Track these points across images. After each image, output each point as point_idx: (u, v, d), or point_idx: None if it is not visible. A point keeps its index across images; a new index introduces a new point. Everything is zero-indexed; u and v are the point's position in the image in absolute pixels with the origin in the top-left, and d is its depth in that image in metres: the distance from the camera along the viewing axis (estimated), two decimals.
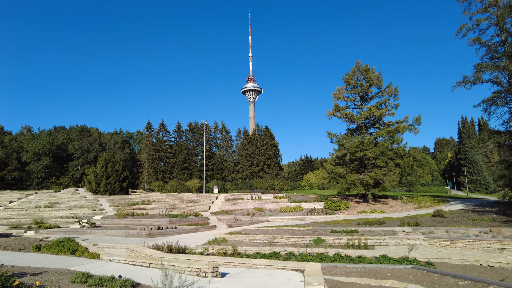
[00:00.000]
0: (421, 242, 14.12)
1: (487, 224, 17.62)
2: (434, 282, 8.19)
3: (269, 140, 78.28)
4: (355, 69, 34.55)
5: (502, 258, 11.16)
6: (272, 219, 26.71)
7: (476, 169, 76.54)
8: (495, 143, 27.14)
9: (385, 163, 31.46)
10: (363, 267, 9.87)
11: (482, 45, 27.84)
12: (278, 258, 11.93)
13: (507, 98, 26.56)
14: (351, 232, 16.00)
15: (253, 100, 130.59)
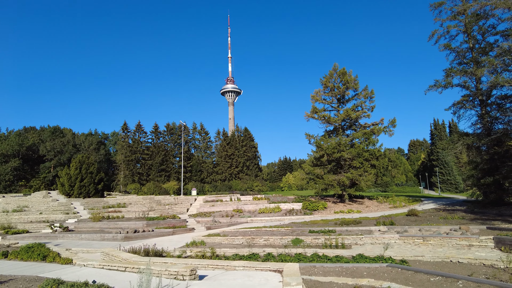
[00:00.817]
0: (396, 241, 14.53)
1: (457, 222, 18.35)
2: (408, 279, 8.44)
3: (248, 141, 78.32)
4: (333, 72, 35.17)
5: (470, 254, 11.66)
6: (251, 220, 26.72)
7: (447, 169, 79.63)
8: (464, 145, 28.33)
9: (361, 164, 32.21)
10: (340, 267, 10.04)
11: (452, 51, 29.02)
12: (256, 259, 11.95)
13: (474, 102, 27.80)
14: (329, 232, 16.25)
15: (233, 101, 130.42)
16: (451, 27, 28.45)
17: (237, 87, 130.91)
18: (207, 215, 29.43)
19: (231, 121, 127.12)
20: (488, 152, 26.80)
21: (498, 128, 26.06)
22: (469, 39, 28.04)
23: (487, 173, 26.31)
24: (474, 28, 27.82)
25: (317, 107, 35.56)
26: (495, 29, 27.38)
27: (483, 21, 27.40)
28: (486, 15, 26.87)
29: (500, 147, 25.59)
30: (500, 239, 12.44)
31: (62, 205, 33.57)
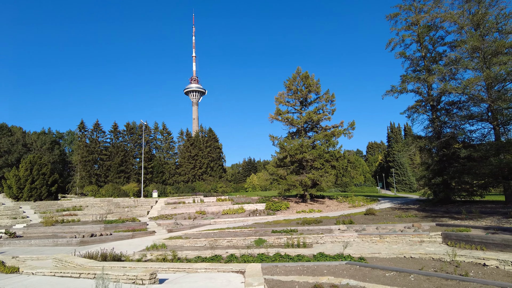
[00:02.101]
0: (355, 239, 15.12)
1: (410, 220, 19.45)
2: (365, 276, 8.82)
3: (212, 142, 77.59)
4: (296, 75, 35.91)
5: (422, 249, 12.43)
6: (214, 222, 26.50)
7: (402, 170, 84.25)
8: (417, 147, 30.13)
9: (322, 165, 33.18)
10: (301, 265, 10.25)
11: (406, 59, 30.78)
12: (219, 261, 11.87)
13: (426, 107, 29.68)
14: (291, 232, 16.53)
15: (197, 101, 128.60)
16: (405, 36, 30.14)
17: (201, 86, 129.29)
18: (168, 218, 28.76)
19: (195, 121, 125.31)
20: (438, 154, 28.72)
21: (446, 132, 28.01)
22: (422, 48, 29.90)
23: (437, 174, 28.17)
24: (426, 38, 29.72)
25: (281, 109, 36.12)
26: (443, 40, 29.49)
27: (434, 32, 29.38)
28: (436, 27, 28.86)
29: (448, 149, 27.53)
30: (447, 234, 13.38)
31: (9, 209, 31.16)
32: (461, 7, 26.07)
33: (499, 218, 16.76)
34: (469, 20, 25.06)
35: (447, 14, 26.25)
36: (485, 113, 25.20)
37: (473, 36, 24.11)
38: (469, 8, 25.67)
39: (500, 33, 24.44)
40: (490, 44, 23.29)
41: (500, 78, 23.16)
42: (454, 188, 27.51)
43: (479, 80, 23.34)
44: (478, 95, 24.25)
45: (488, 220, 16.41)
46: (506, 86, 23.87)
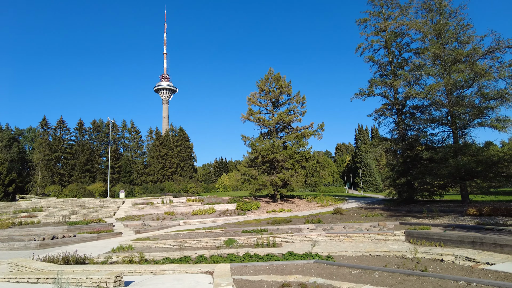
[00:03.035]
0: (323, 238, 15.45)
1: (376, 219, 20.14)
2: (332, 273, 9.03)
3: (183, 141, 76.39)
4: (268, 76, 36.20)
5: (386, 247, 12.91)
6: (184, 222, 26.09)
7: (369, 171, 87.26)
8: (383, 149, 31.35)
9: (293, 165, 33.67)
10: (270, 265, 10.33)
11: (375, 63, 31.93)
12: (188, 262, 11.71)
13: (392, 110, 30.94)
14: (261, 231, 16.61)
15: (167, 99, 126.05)
16: (374, 41, 31.26)
17: (172, 84, 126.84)
18: (136, 219, 27.98)
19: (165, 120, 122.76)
20: (402, 156, 30.01)
21: (410, 135, 29.34)
22: (389, 53, 31.14)
23: (401, 175, 29.42)
24: (393, 44, 31.00)
25: (253, 110, 36.26)
26: (409, 46, 30.91)
27: (400, 38, 30.73)
28: (402, 34, 30.20)
29: (412, 151, 28.85)
30: (409, 232, 14.00)
31: None
32: (425, 16, 27.44)
33: (456, 216, 17.76)
34: (432, 29, 26.41)
35: (412, 22, 27.53)
36: (445, 117, 26.66)
37: (435, 44, 25.44)
38: (432, 18, 27.05)
39: (459, 42, 25.96)
40: (450, 52, 24.66)
41: (458, 84, 24.60)
42: (417, 188, 28.85)
43: (440, 86, 24.67)
44: (439, 100, 25.61)
45: (447, 218, 17.34)
46: (463, 93, 25.39)
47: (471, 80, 23.90)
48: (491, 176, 24.10)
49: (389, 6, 31.14)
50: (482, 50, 23.59)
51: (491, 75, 23.01)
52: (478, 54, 23.66)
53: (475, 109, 24.15)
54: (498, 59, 23.34)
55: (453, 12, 26.17)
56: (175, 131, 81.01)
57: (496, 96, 23.34)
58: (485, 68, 22.95)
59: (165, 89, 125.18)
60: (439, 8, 26.49)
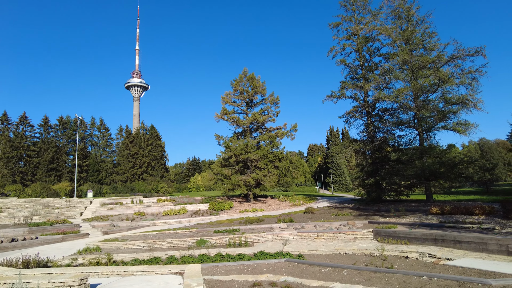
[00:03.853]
0: (294, 237, 15.64)
1: (345, 218, 20.65)
2: (303, 272, 9.16)
3: (154, 140, 74.74)
4: (242, 76, 36.18)
5: (355, 246, 13.27)
6: (154, 223, 25.54)
7: (340, 171, 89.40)
8: (353, 150, 32.23)
9: (266, 165, 33.88)
10: (242, 264, 10.33)
11: (346, 66, 32.72)
12: (158, 263, 11.47)
13: (362, 113, 31.88)
14: (233, 231, 16.58)
15: (139, 96, 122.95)
16: (346, 45, 32.03)
17: (144, 81, 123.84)
18: (104, 219, 27.07)
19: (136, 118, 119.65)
20: (371, 157, 30.99)
21: (379, 136, 30.36)
22: (360, 57, 32.04)
23: (370, 175, 30.37)
24: (364, 49, 31.93)
25: (227, 109, 36.11)
26: (379, 51, 31.95)
27: (371, 43, 31.69)
28: (373, 38, 31.18)
29: (380, 152, 29.85)
30: (377, 231, 14.48)
31: None
32: (394, 22, 28.50)
33: (420, 215, 18.57)
34: (400, 35, 27.48)
35: (383, 28, 28.50)
36: (412, 120, 27.81)
37: (403, 50, 26.49)
38: (401, 24, 28.14)
39: (425, 49, 27.18)
40: (417, 58, 25.77)
41: (424, 89, 25.76)
42: (385, 188, 29.90)
43: (408, 90, 25.72)
44: (406, 103, 26.68)
45: (412, 217, 18.10)
46: (429, 97, 26.62)
47: (435, 85, 25.10)
48: (452, 177, 25.43)
49: (360, 11, 32.04)
50: (446, 57, 24.85)
51: (454, 81, 24.30)
52: (442, 61, 24.90)
53: (439, 113, 25.40)
54: (459, 66, 24.71)
55: (420, 20, 27.37)
56: (146, 129, 79.13)
57: (457, 101, 24.65)
58: (448, 74, 24.19)
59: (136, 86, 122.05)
60: (407, 15, 27.60)
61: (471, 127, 24.52)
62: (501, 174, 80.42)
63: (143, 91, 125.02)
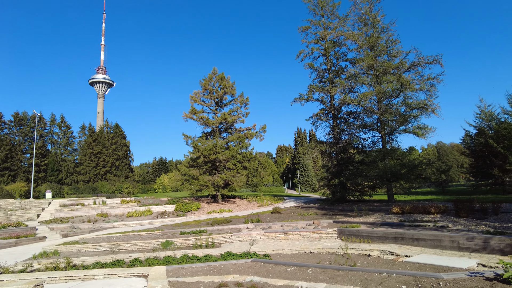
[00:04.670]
0: (261, 237, 15.74)
1: (311, 217, 21.08)
2: (269, 271, 9.23)
3: (119, 139, 72.24)
4: (212, 75, 35.89)
5: (320, 245, 13.58)
6: (118, 225, 24.67)
7: (306, 172, 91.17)
8: (319, 151, 33.02)
9: (235, 166, 33.82)
10: (208, 266, 10.24)
11: (314, 70, 33.44)
12: (121, 265, 11.10)
13: (328, 115, 32.74)
14: (200, 232, 16.40)
15: (103, 93, 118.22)
16: (314, 49, 32.76)
17: (109, 78, 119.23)
18: (64, 221, 25.76)
19: (100, 115, 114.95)
20: (336, 158, 31.89)
21: (344, 138, 31.32)
22: (327, 61, 32.88)
23: (335, 176, 31.24)
24: (331, 53, 32.82)
25: (196, 108, 35.64)
26: (346, 56, 33.00)
27: (338, 48, 32.64)
28: (340, 43, 32.12)
29: (345, 154, 30.80)
30: (341, 230, 14.91)
31: None
32: (361, 29, 29.51)
33: (382, 214, 19.38)
34: (366, 41, 28.51)
35: (349, 33, 29.42)
36: (375, 123, 28.94)
37: (368, 55, 27.52)
38: (367, 31, 29.20)
39: (388, 55, 28.40)
40: (381, 64, 26.87)
41: (387, 94, 26.92)
42: (349, 188, 30.88)
43: (372, 94, 26.75)
44: (370, 107, 27.73)
45: (374, 216, 18.83)
46: (391, 101, 27.84)
47: (398, 91, 26.32)
48: (412, 178, 26.78)
49: (329, 16, 32.90)
50: (407, 64, 26.14)
51: (414, 87, 25.64)
52: (404, 67, 26.16)
53: (401, 117, 26.66)
54: (419, 73, 26.10)
55: (384, 28, 28.57)
56: (110, 127, 76.30)
57: (417, 106, 26.00)
58: (409, 81, 25.46)
59: (101, 83, 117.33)
60: (373, 22, 28.71)
61: (429, 130, 25.99)
62: (455, 176, 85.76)
63: (108, 88, 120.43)
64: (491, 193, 31.50)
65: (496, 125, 31.72)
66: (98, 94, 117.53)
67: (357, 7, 29.41)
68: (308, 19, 32.98)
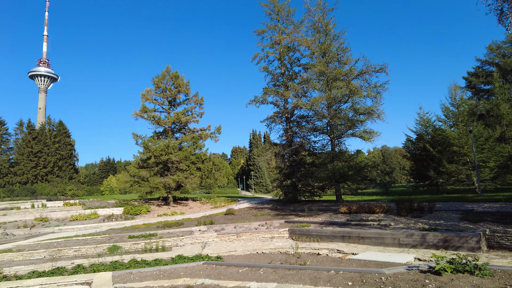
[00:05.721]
0: (214, 239, 15.62)
1: (264, 218, 21.35)
2: (221, 273, 9.20)
3: (63, 137, 67.34)
4: (165, 73, 34.92)
5: (272, 245, 13.82)
6: (59, 229, 22.94)
7: (261, 173, 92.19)
8: (273, 153, 33.63)
9: (188, 167, 33.16)
10: (158, 270, 9.94)
11: (269, 73, 33.99)
12: (62, 273, 10.35)
13: (282, 118, 33.47)
14: (150, 236, 15.86)
15: (45, 88, 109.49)
16: (269, 53, 33.31)
17: (52, 71, 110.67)
18: None
19: (42, 112, 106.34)
20: (289, 160, 32.69)
21: (297, 141, 32.21)
22: (282, 65, 33.61)
23: (287, 177, 32.00)
24: (286, 58, 33.61)
25: (147, 107, 34.38)
26: (299, 61, 33.98)
27: (292, 53, 33.52)
28: (294, 49, 33.01)
29: (297, 156, 31.68)
30: (292, 230, 15.31)
31: None
32: (314, 35, 30.57)
33: (331, 214, 20.22)
34: (319, 48, 29.61)
35: (303, 39, 30.36)
36: (325, 127, 30.15)
37: (320, 62, 28.61)
38: (319, 38, 30.34)
39: (339, 62, 29.76)
40: (332, 70, 28.08)
41: (337, 99, 28.19)
42: (301, 189, 31.80)
43: (323, 99, 27.86)
44: (321, 112, 28.84)
45: (324, 216, 19.59)
46: (341, 107, 29.19)
47: (347, 96, 27.68)
48: (359, 179, 28.30)
49: (284, 21, 33.67)
50: (356, 72, 27.58)
51: (362, 94, 27.15)
52: (353, 74, 27.58)
53: (349, 122, 28.08)
54: (367, 81, 27.66)
55: (336, 36, 29.88)
56: (53, 125, 70.88)
57: (364, 112, 27.56)
58: (357, 87, 26.89)
59: (43, 76, 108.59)
60: (325, 30, 29.91)
61: (375, 135, 27.67)
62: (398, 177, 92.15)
63: (52, 82, 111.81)
64: (428, 193, 34.31)
65: (432, 131, 34.69)
66: (40, 89, 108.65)
67: (311, 14, 30.42)
68: (264, 23, 33.47)
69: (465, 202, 21.17)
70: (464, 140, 29.41)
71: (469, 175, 29.93)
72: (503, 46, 43.36)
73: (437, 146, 32.44)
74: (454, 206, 18.96)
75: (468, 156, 29.58)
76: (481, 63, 46.47)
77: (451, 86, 33.43)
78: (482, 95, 44.24)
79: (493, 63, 43.94)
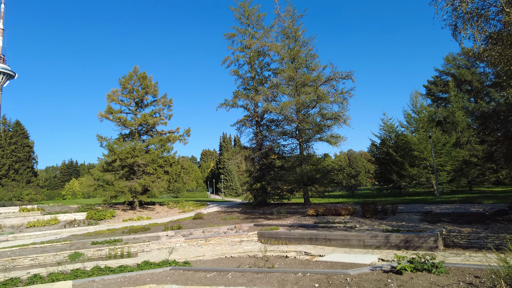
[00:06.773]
0: (182, 244, 15.37)
1: (233, 222, 21.33)
2: (188, 279, 9.07)
3: (20, 138, 63.48)
4: (133, 73, 33.96)
5: (241, 248, 13.83)
6: (14, 237, 21.52)
7: (231, 176, 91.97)
8: (243, 156, 33.71)
9: (155, 170, 32.35)
10: (123, 277, 9.64)
11: (239, 77, 34.12)
12: (16, 284, 9.75)
13: (252, 122, 33.69)
14: (115, 242, 15.33)
15: (0, 85, 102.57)
16: (240, 57, 33.47)
17: (9, 68, 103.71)
18: None
19: None
20: (259, 163, 32.92)
21: (266, 144, 32.54)
22: (252, 70, 33.87)
23: (257, 180, 32.18)
24: (256, 62, 33.91)
25: (113, 108, 33.18)
26: (269, 66, 34.40)
27: (262, 57, 33.89)
28: (264, 53, 33.42)
29: (267, 159, 31.97)
30: (261, 233, 15.41)
31: None
32: (283, 41, 31.09)
33: (299, 216, 20.56)
34: (288, 53, 30.15)
35: (273, 44, 30.78)
36: (294, 131, 30.70)
37: (289, 67, 29.15)
38: (289, 43, 30.90)
39: (308, 68, 30.46)
40: (300, 76, 28.69)
41: (305, 104, 28.84)
42: (270, 192, 32.09)
43: (292, 104, 28.37)
44: (290, 116, 29.36)
45: (292, 218, 19.88)
46: (309, 112, 29.88)
47: (315, 102, 28.38)
48: (326, 182, 29.06)
49: (254, 26, 33.97)
50: (324, 78, 28.37)
51: (329, 99, 27.97)
52: (321, 80, 28.34)
53: (317, 126, 28.80)
54: (334, 87, 28.53)
55: (305, 42, 30.59)
56: (9, 125, 66.64)
57: (331, 117, 28.40)
58: (325, 93, 27.66)
59: None
60: (295, 36, 30.53)
61: (341, 139, 28.55)
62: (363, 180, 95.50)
63: (8, 79, 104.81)
64: (391, 195, 35.86)
65: (395, 137, 36.37)
66: None
67: (281, 20, 30.93)
68: (234, 27, 33.62)
69: (425, 204, 22.36)
70: (424, 145, 31.11)
71: (429, 178, 31.66)
72: (458, 58, 46.45)
73: (400, 150, 34.04)
74: (415, 208, 19.97)
75: (428, 160, 31.28)
76: (439, 73, 49.56)
77: (412, 94, 35.39)
78: (440, 103, 47.04)
79: (449, 73, 47.01)
